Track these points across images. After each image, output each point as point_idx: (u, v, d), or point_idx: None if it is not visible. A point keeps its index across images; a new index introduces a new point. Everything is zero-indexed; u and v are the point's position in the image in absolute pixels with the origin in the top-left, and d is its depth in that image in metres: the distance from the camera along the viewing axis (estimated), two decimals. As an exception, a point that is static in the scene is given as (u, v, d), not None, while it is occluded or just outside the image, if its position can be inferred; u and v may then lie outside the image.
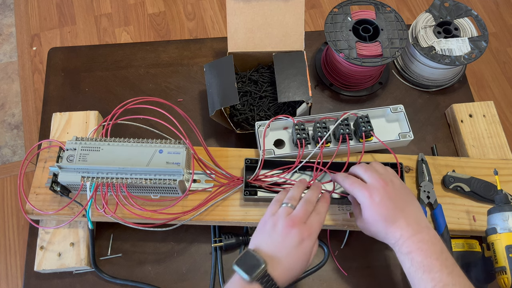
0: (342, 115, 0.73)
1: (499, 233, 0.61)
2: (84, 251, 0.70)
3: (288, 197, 0.61)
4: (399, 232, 0.58)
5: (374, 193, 0.60)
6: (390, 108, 0.76)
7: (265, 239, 0.58)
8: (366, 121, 0.72)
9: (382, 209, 0.59)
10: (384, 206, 0.59)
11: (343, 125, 0.72)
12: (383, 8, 0.85)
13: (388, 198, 0.60)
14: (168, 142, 0.66)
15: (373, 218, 0.60)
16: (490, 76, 1.77)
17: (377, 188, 0.60)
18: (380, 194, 0.60)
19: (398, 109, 0.76)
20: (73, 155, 0.65)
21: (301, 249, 0.56)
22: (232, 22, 0.80)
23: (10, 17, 1.86)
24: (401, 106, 0.76)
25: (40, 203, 0.70)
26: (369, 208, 0.60)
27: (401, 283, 0.73)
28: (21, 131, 1.62)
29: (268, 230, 0.58)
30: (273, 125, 0.75)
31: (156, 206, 0.69)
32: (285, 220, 0.57)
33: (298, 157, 0.70)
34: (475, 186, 0.72)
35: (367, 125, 0.71)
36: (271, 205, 0.62)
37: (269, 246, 0.57)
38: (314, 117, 0.74)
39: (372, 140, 0.73)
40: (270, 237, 0.57)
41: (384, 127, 0.77)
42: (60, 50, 0.94)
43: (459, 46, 0.84)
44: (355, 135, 0.74)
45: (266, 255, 0.55)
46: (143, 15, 1.86)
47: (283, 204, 0.60)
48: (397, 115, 0.76)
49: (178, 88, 0.90)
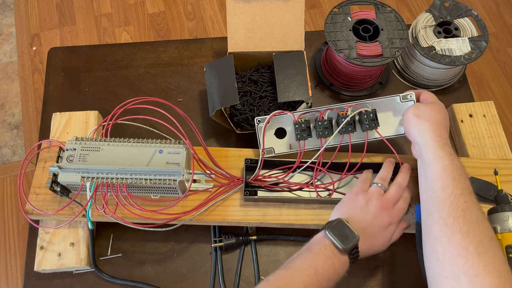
0: (347, 108, 0.70)
1: (499, 233, 0.61)
2: (84, 251, 0.70)
3: (379, 177, 0.65)
4: (438, 133, 0.62)
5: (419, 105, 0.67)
6: (400, 97, 0.71)
7: (357, 213, 0.60)
8: (371, 118, 0.69)
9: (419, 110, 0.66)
10: (423, 108, 0.66)
11: (347, 124, 0.69)
12: (383, 8, 0.85)
13: (432, 108, 0.66)
14: (168, 142, 0.66)
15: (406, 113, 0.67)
16: (490, 76, 1.77)
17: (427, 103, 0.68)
18: (424, 106, 0.67)
19: (409, 97, 0.71)
20: (73, 155, 0.65)
21: (386, 232, 0.60)
22: (232, 22, 0.80)
23: (10, 17, 1.86)
24: (412, 93, 0.71)
25: (40, 203, 0.70)
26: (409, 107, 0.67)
27: (402, 283, 0.73)
28: (21, 131, 1.62)
29: (360, 205, 0.61)
30: (274, 118, 0.73)
31: (156, 206, 0.69)
32: (379, 201, 0.61)
33: (298, 156, 0.70)
34: (475, 186, 0.72)
35: (372, 123, 0.69)
36: (361, 181, 0.65)
37: (361, 221, 0.59)
38: (317, 109, 0.71)
39: (376, 135, 0.71)
40: (363, 213, 0.60)
41: (390, 118, 0.73)
42: (60, 50, 0.94)
43: (459, 46, 0.84)
44: (361, 124, 0.71)
45: (358, 228, 0.58)
46: (143, 15, 1.86)
47: (374, 183, 0.63)
48: (406, 105, 0.71)
49: (178, 88, 0.90)
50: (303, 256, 0.56)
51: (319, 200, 0.70)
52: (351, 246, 0.56)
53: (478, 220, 0.53)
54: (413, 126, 0.65)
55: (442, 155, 0.59)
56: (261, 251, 0.75)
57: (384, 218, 0.60)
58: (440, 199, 0.56)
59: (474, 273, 0.48)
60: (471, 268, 0.49)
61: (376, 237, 0.60)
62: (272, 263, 0.74)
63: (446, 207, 0.54)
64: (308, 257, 0.56)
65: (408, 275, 0.73)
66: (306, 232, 0.75)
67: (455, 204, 0.54)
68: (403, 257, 0.74)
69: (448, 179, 0.57)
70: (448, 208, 0.54)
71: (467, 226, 0.52)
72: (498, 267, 0.49)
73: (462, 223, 0.52)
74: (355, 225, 0.58)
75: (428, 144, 0.61)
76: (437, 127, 0.63)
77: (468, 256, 0.50)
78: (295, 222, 0.70)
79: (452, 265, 0.50)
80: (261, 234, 0.75)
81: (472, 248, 0.50)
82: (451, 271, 0.50)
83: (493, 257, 0.49)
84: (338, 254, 0.56)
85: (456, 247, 0.51)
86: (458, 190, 0.55)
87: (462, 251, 0.50)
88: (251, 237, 0.74)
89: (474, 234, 0.51)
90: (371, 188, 0.63)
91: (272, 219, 0.70)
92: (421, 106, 0.67)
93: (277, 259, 0.74)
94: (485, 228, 0.52)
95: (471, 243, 0.50)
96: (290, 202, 0.71)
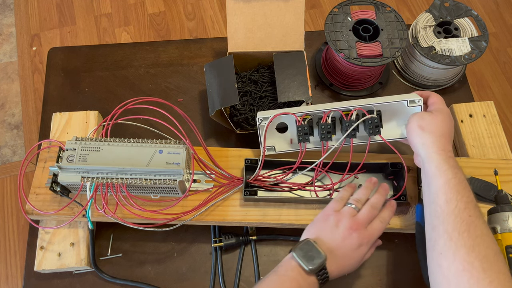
0: (352, 113, 0.67)
1: (499, 233, 0.61)
2: (84, 251, 0.70)
3: (354, 199, 0.62)
4: (442, 146, 0.61)
5: (421, 113, 0.67)
6: (408, 101, 0.69)
7: (327, 234, 0.59)
8: (375, 125, 0.68)
9: (421, 117, 0.65)
10: (426, 116, 0.65)
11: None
12: (383, 8, 0.85)
13: (444, 116, 0.65)
14: (168, 142, 0.66)
15: (409, 120, 0.67)
16: (490, 76, 1.77)
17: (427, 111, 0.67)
18: (427, 113, 0.66)
19: (416, 102, 0.69)
20: (73, 155, 0.65)
21: (357, 252, 0.58)
22: (232, 22, 0.80)
23: (10, 17, 1.86)
24: (420, 98, 0.68)
25: (40, 203, 0.70)
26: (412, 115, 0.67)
27: (402, 282, 0.73)
28: (21, 131, 1.62)
29: (330, 225, 0.59)
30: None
31: (156, 206, 0.69)
32: (349, 222, 0.59)
33: (299, 157, 0.70)
34: (475, 186, 0.72)
35: (375, 130, 0.68)
36: (335, 201, 0.63)
37: (330, 242, 0.58)
38: (323, 110, 0.69)
39: (378, 139, 0.70)
40: (332, 233, 0.58)
41: (394, 120, 0.72)
42: (60, 50, 0.94)
43: (459, 46, 0.84)
44: (364, 126, 0.69)
45: (326, 249, 0.57)
46: (143, 15, 1.86)
47: (348, 204, 0.61)
48: (413, 110, 0.69)
49: (178, 88, 0.90)
50: (269, 279, 0.55)
51: (319, 200, 0.70)
52: (318, 267, 0.54)
53: (483, 235, 0.53)
54: (417, 138, 0.64)
55: (445, 168, 0.58)
56: (261, 251, 0.75)
57: (353, 239, 0.58)
58: (444, 213, 0.55)
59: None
60: (476, 283, 0.49)
61: (346, 258, 0.58)
62: (272, 263, 0.74)
63: (451, 221, 0.54)
64: (274, 280, 0.55)
65: (408, 275, 0.73)
66: (306, 232, 0.75)
67: (459, 218, 0.54)
68: (403, 257, 0.74)
69: (451, 193, 0.56)
70: (452, 222, 0.54)
71: (472, 241, 0.52)
72: (503, 283, 0.49)
73: (467, 238, 0.52)
74: (324, 245, 0.57)
75: (431, 158, 0.60)
76: (440, 140, 0.62)
77: (473, 271, 0.50)
78: (295, 222, 0.70)
79: (457, 280, 0.50)
80: (261, 234, 0.75)
81: (477, 263, 0.50)
82: (456, 286, 0.50)
83: (498, 272, 0.50)
84: (305, 275, 0.54)
85: (461, 262, 0.51)
86: (462, 204, 0.55)
87: (467, 266, 0.50)
88: (251, 237, 0.74)
89: (479, 249, 0.51)
90: (344, 209, 0.61)
91: (272, 219, 0.70)
92: (426, 116, 0.65)
93: (277, 259, 0.74)
94: (490, 243, 0.52)
95: (476, 257, 0.50)
96: (290, 202, 0.71)
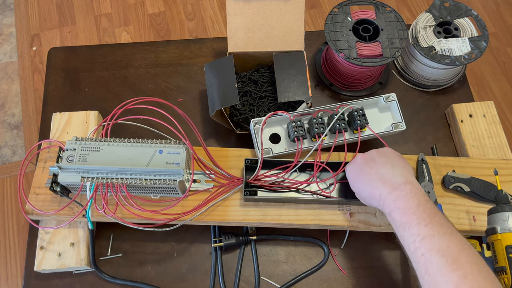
0: (337, 108, 0.73)
1: (499, 233, 0.61)
2: (84, 251, 0.70)
3: None
4: (378, 193, 0.60)
5: (352, 162, 0.67)
6: (383, 98, 0.76)
7: None
8: (361, 114, 0.72)
9: (356, 171, 0.65)
10: (359, 168, 0.64)
11: (339, 119, 0.72)
12: (383, 8, 0.85)
13: (365, 163, 0.64)
14: (168, 142, 0.66)
15: (350, 179, 0.66)
16: (490, 76, 1.77)
17: (356, 159, 0.66)
18: (357, 161, 0.65)
19: (391, 98, 0.76)
20: (73, 155, 0.65)
21: None
22: (232, 22, 0.80)
23: (10, 17, 1.86)
24: (393, 94, 0.76)
25: (40, 203, 0.70)
26: (347, 173, 0.67)
27: (402, 283, 0.73)
28: (21, 131, 1.62)
29: None
30: (268, 121, 0.74)
31: (156, 206, 0.69)
32: None
33: (296, 155, 0.70)
34: (475, 186, 0.72)
35: (362, 119, 0.72)
36: None
37: None
38: (308, 110, 0.74)
39: (366, 132, 0.74)
40: None
41: (377, 117, 0.77)
42: (60, 50, 0.94)
43: (459, 46, 0.84)
44: (350, 126, 0.74)
45: None
46: (143, 15, 1.86)
47: None
48: (390, 105, 0.76)
49: (178, 88, 0.90)
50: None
51: (319, 200, 0.70)
52: None
53: (440, 268, 0.50)
54: (363, 194, 0.64)
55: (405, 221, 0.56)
56: (261, 251, 0.75)
57: None
58: (421, 262, 0.53)
59: None
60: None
61: None
62: (272, 263, 0.74)
63: (415, 266, 0.53)
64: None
65: (408, 275, 0.73)
66: (306, 232, 0.75)
67: (417, 263, 0.52)
68: (403, 257, 0.74)
69: (402, 238, 0.55)
70: (416, 268, 0.53)
71: (434, 284, 0.50)
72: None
73: (429, 280, 0.51)
74: None
75: (386, 212, 0.60)
76: (383, 185, 0.60)
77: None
78: (295, 222, 0.70)
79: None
80: (261, 234, 0.75)
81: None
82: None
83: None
84: None
85: None
86: (412, 245, 0.53)
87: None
88: (251, 237, 0.74)
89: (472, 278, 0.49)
90: None
91: (272, 219, 0.70)
92: (352, 162, 0.67)
93: (277, 259, 0.74)
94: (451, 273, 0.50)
95: None
96: (290, 202, 0.71)
